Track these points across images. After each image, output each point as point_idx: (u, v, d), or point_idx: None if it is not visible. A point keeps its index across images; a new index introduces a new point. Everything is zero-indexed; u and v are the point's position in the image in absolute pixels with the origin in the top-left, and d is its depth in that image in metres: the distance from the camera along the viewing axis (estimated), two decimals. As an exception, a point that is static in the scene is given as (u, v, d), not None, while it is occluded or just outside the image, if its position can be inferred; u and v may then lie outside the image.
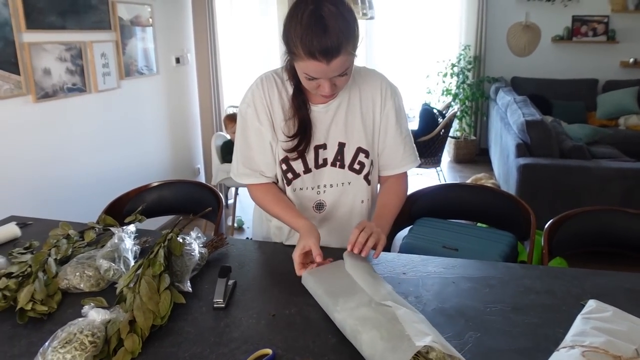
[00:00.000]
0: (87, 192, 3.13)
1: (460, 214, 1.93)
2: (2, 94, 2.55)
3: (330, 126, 1.40)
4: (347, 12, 1.18)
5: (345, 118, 1.40)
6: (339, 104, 1.40)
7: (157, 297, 1.09)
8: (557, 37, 5.80)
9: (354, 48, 1.21)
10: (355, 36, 1.20)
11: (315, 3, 1.15)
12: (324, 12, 1.14)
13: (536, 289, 1.23)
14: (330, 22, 1.14)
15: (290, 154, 1.39)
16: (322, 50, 1.14)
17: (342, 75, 1.23)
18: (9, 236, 1.57)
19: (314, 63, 1.17)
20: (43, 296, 1.16)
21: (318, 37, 1.13)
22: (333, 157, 1.42)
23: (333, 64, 1.17)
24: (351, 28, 1.18)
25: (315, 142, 1.40)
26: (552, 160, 3.36)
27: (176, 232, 1.26)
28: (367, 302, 1.06)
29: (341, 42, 1.15)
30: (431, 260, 1.38)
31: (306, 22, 1.14)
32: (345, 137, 1.41)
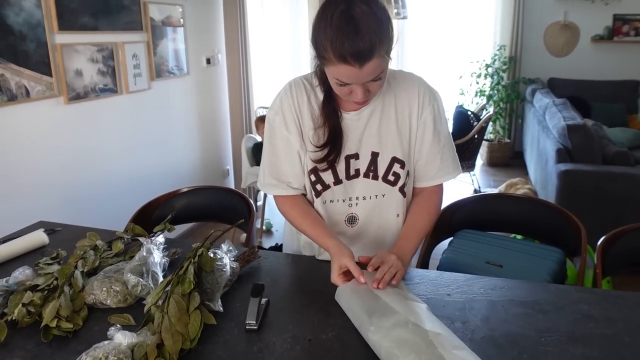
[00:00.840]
0: (117, 193, 3.12)
1: (502, 226, 1.83)
2: (34, 95, 2.54)
3: (362, 135, 1.31)
4: (380, 11, 1.10)
5: (379, 126, 1.31)
6: (372, 111, 1.31)
7: (186, 318, 1.02)
8: (597, 36, 5.59)
9: (388, 50, 1.12)
10: (389, 37, 1.12)
11: (346, 3, 1.07)
12: (355, 12, 1.06)
13: (594, 316, 1.12)
14: (363, 23, 1.05)
15: (319, 164, 1.31)
16: (354, 54, 1.06)
17: (376, 80, 1.14)
18: (37, 244, 1.53)
19: (346, 67, 1.09)
20: (68, 312, 1.11)
21: (349, 39, 1.05)
22: (366, 168, 1.33)
23: (366, 68, 1.09)
24: (385, 29, 1.10)
25: (346, 152, 1.32)
26: (595, 167, 3.21)
27: (207, 246, 1.20)
28: (403, 323, 0.98)
29: (374, 44, 1.06)
30: (476, 281, 1.29)
31: (336, 23, 1.06)
32: (379, 146, 1.32)
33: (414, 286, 1.26)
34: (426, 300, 1.18)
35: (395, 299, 1.07)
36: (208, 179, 4.14)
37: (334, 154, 1.29)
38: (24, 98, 2.48)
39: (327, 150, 1.29)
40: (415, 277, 1.30)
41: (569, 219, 1.66)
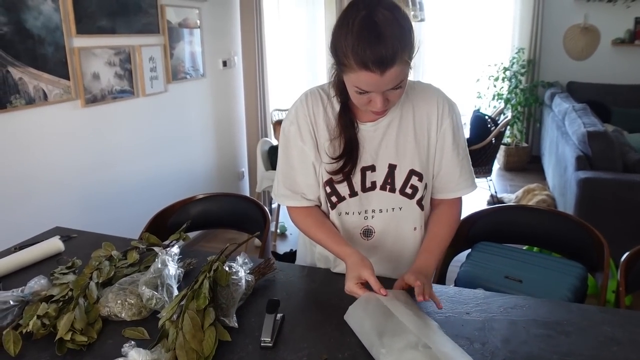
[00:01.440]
0: (134, 195, 3.13)
1: (521, 238, 1.79)
2: (51, 98, 2.55)
3: (379, 146, 1.29)
4: (402, 18, 1.07)
5: (397, 137, 1.28)
6: (389, 122, 1.28)
7: (201, 335, 1.01)
8: (617, 39, 5.49)
9: (409, 57, 1.09)
10: (411, 44, 1.09)
11: (368, 8, 1.05)
12: (377, 18, 1.04)
13: (618, 338, 1.09)
14: (385, 29, 1.03)
15: (334, 176, 1.29)
16: (376, 60, 1.04)
17: (396, 88, 1.12)
18: (53, 251, 1.53)
19: (367, 74, 1.06)
20: (83, 325, 1.10)
21: (372, 45, 1.03)
22: (383, 180, 1.31)
23: (387, 75, 1.06)
24: (407, 35, 1.07)
25: (362, 164, 1.29)
26: (615, 175, 3.14)
27: (222, 260, 1.19)
28: (414, 344, 0.96)
29: (396, 51, 1.04)
30: (496, 298, 1.26)
31: (358, 29, 1.04)
32: (396, 158, 1.29)
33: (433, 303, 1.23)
34: (445, 319, 1.16)
35: (407, 316, 1.05)
36: (223, 182, 4.14)
37: (350, 165, 1.27)
38: (42, 101, 2.50)
39: (342, 161, 1.27)
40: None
41: (591, 232, 1.62)
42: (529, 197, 4.19)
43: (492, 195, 4.58)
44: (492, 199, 4.56)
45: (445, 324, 1.14)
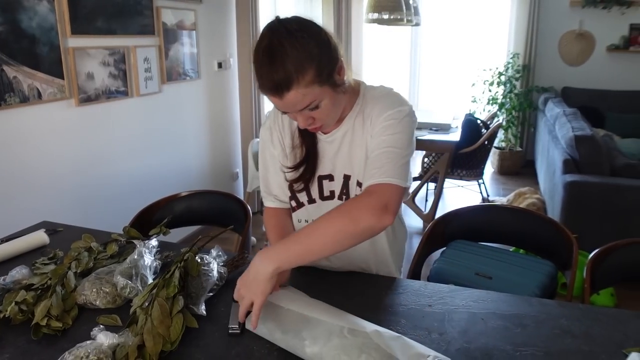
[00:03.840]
0: (126, 195, 3.18)
1: (497, 237, 1.83)
2: (45, 97, 2.60)
3: (335, 157, 1.30)
4: (306, 40, 1.06)
5: (350, 149, 1.28)
6: (344, 134, 1.28)
7: (168, 321, 1.06)
8: (612, 46, 5.53)
9: (318, 79, 1.08)
10: (320, 65, 1.07)
11: (269, 36, 1.07)
12: (274, 45, 1.05)
13: (573, 331, 1.13)
14: (278, 55, 1.04)
15: (294, 184, 1.34)
16: (271, 86, 1.07)
17: (313, 109, 1.12)
18: (37, 243, 1.58)
19: (271, 98, 1.10)
20: (59, 311, 1.15)
21: (265, 72, 1.06)
22: (339, 191, 1.33)
23: (287, 99, 1.08)
24: (309, 58, 1.06)
25: (320, 172, 1.33)
26: (602, 179, 3.18)
27: (194, 251, 1.24)
28: (337, 331, 1.00)
29: (290, 76, 1.04)
30: (460, 292, 1.30)
31: (259, 56, 1.07)
32: (350, 169, 1.29)
33: (397, 296, 1.28)
34: (406, 311, 1.21)
35: (316, 309, 1.08)
36: (217, 182, 4.19)
37: (308, 174, 1.32)
38: (36, 100, 2.55)
39: (301, 170, 1.32)
40: (399, 287, 1.32)
41: (561, 231, 1.66)
42: (520, 200, 4.23)
43: (484, 199, 4.62)
44: (483, 202, 4.60)
45: (406, 315, 1.18)
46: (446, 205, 4.60)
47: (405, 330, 1.12)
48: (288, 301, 1.12)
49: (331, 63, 1.11)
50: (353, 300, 1.25)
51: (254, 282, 1.05)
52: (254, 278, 1.06)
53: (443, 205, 4.49)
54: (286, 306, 1.11)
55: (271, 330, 1.07)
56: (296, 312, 1.08)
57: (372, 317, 1.10)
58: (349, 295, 1.27)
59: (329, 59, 1.11)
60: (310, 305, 1.10)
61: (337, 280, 1.35)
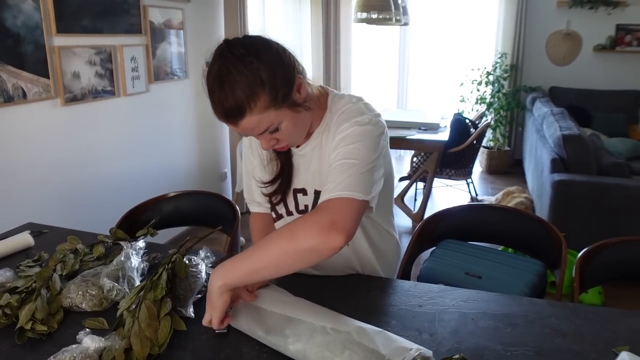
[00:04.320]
0: (113, 196, 3.14)
1: (486, 236, 1.84)
2: (31, 97, 2.57)
3: (307, 172, 1.28)
4: (255, 64, 1.02)
5: (319, 164, 1.25)
6: (313, 149, 1.25)
7: (156, 324, 1.04)
8: (599, 46, 5.58)
9: (273, 103, 1.04)
10: (274, 89, 1.03)
11: (218, 62, 1.04)
12: (222, 71, 1.02)
13: (563, 330, 1.13)
14: (227, 82, 1.01)
15: (272, 197, 1.32)
16: (223, 114, 1.04)
17: (273, 131, 1.09)
18: (22, 245, 1.55)
19: (226, 124, 1.07)
20: (44, 315, 1.13)
21: (217, 99, 1.03)
22: (312, 205, 1.29)
23: (242, 126, 1.05)
24: (259, 83, 1.02)
25: (295, 186, 1.30)
26: (589, 177, 3.21)
27: (182, 252, 1.22)
28: (320, 329, 0.99)
29: (241, 103, 1.01)
30: (450, 292, 1.30)
31: (209, 82, 1.04)
32: (320, 184, 1.23)
33: (388, 296, 1.27)
34: (397, 311, 1.20)
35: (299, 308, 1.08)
36: (205, 182, 4.16)
37: (284, 187, 1.30)
38: (21, 99, 2.51)
39: (277, 184, 1.30)
40: (390, 288, 1.32)
41: (550, 230, 1.66)
42: (508, 199, 4.25)
43: (472, 197, 4.63)
44: (471, 201, 4.62)
45: (397, 316, 1.18)
46: (435, 205, 4.61)
47: (396, 330, 1.11)
48: (270, 303, 1.11)
49: (287, 84, 1.07)
50: (343, 301, 1.24)
51: (209, 297, 1.06)
52: (209, 293, 1.06)
53: (432, 204, 4.50)
54: (269, 308, 1.10)
55: (254, 329, 1.07)
56: (278, 314, 1.07)
57: (362, 318, 1.09)
58: (340, 297, 1.26)
59: (284, 80, 1.07)
60: (292, 305, 1.10)
61: (328, 281, 1.34)
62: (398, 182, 4.71)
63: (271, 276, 1.11)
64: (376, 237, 1.37)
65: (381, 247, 1.39)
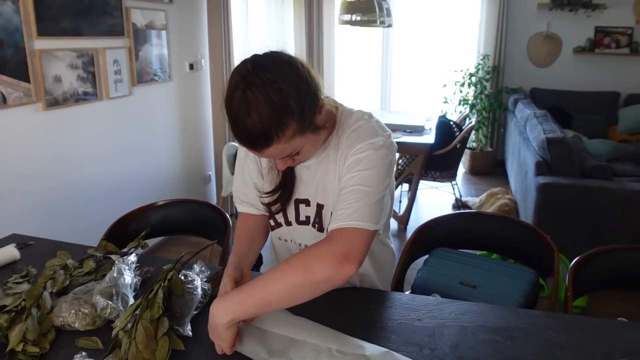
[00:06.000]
0: (96, 200, 3.08)
1: (479, 244, 1.84)
2: (11, 102, 2.50)
3: (310, 184, 1.26)
4: (285, 91, 0.97)
5: (324, 178, 1.23)
6: (319, 162, 1.23)
7: (153, 345, 1.02)
8: (578, 48, 5.66)
9: (300, 131, 1.01)
10: (300, 118, 1.00)
11: (243, 87, 0.97)
12: (248, 98, 0.96)
13: (562, 343, 1.14)
14: (254, 110, 0.96)
15: (272, 206, 1.30)
16: (248, 142, 1.01)
17: (294, 155, 1.08)
18: (8, 259, 1.51)
19: (248, 149, 1.05)
20: (35, 335, 1.09)
21: (242, 127, 0.98)
22: (313, 218, 1.28)
23: (266, 153, 1.03)
24: (289, 112, 0.98)
25: (297, 196, 1.28)
26: (573, 180, 3.25)
27: (177, 268, 1.19)
28: (326, 351, 0.98)
29: (269, 134, 0.98)
30: (448, 305, 1.29)
31: (234, 108, 0.98)
32: (324, 198, 1.24)
33: (386, 310, 1.27)
34: (397, 325, 1.19)
35: (296, 329, 1.06)
36: (189, 185, 4.11)
37: (285, 197, 1.28)
38: (0, 104, 2.45)
39: (278, 194, 1.28)
40: (387, 301, 1.31)
41: (542, 239, 1.67)
42: (492, 200, 4.29)
43: (457, 199, 4.66)
44: (456, 203, 4.65)
45: (397, 331, 1.17)
46: (420, 207, 4.62)
47: (397, 346, 1.11)
48: (271, 323, 1.09)
49: (313, 109, 1.04)
50: (342, 316, 1.22)
51: (215, 331, 1.04)
52: (213, 328, 1.04)
53: (417, 206, 4.51)
54: (270, 329, 1.08)
55: (257, 351, 1.05)
56: (281, 335, 1.05)
57: (362, 333, 1.08)
58: (337, 311, 1.25)
59: (311, 105, 1.03)
60: (294, 326, 1.08)
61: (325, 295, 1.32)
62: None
63: (281, 308, 1.09)
64: (376, 249, 1.36)
65: (379, 258, 1.39)
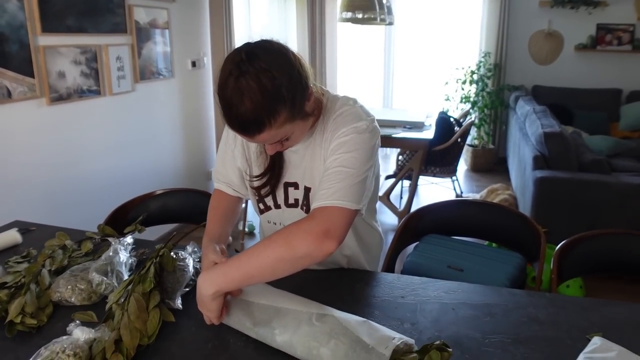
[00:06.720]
0: (99, 195, 3.14)
1: (469, 231, 1.88)
2: (15, 96, 2.56)
3: (298, 168, 1.30)
4: (278, 79, 1.01)
5: (311, 161, 1.27)
6: (306, 146, 1.26)
7: (145, 316, 1.07)
8: (580, 45, 5.67)
9: (291, 118, 1.06)
10: (291, 105, 1.04)
11: (236, 74, 1.00)
12: (242, 86, 0.99)
13: (541, 319, 1.17)
14: (247, 98, 0.99)
15: (261, 189, 1.34)
16: (240, 128, 1.05)
17: (284, 140, 1.13)
18: (9, 243, 1.56)
19: (240, 135, 1.09)
20: (33, 309, 1.15)
21: (234, 114, 1.02)
22: (302, 201, 1.32)
23: (257, 139, 1.07)
24: (281, 100, 1.02)
25: (285, 179, 1.32)
26: (570, 174, 3.27)
27: (169, 247, 1.24)
28: (306, 320, 1.02)
29: (262, 120, 1.02)
30: (432, 284, 1.34)
31: (227, 95, 1.01)
32: (311, 181, 1.28)
33: (371, 288, 1.31)
34: (380, 302, 1.24)
35: (279, 300, 1.10)
36: (191, 181, 4.17)
37: (274, 180, 1.32)
38: (6, 99, 2.51)
39: (266, 178, 1.32)
40: (373, 280, 1.35)
41: (530, 224, 1.71)
42: (492, 196, 4.32)
43: (457, 195, 4.70)
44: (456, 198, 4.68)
45: (380, 307, 1.21)
46: (421, 202, 4.66)
47: (379, 320, 1.14)
48: (257, 295, 1.13)
49: (303, 97, 1.08)
50: (327, 293, 1.27)
51: (202, 302, 1.09)
52: (201, 299, 1.09)
53: (417, 202, 4.55)
54: (255, 300, 1.12)
55: (242, 321, 1.10)
56: (265, 305, 1.10)
57: (345, 309, 1.12)
58: (324, 289, 1.29)
59: (302, 93, 1.07)
60: (278, 297, 1.12)
61: (312, 275, 1.37)
62: (384, 181, 4.76)
63: (264, 281, 1.14)
64: (362, 231, 1.40)
65: (367, 241, 1.43)
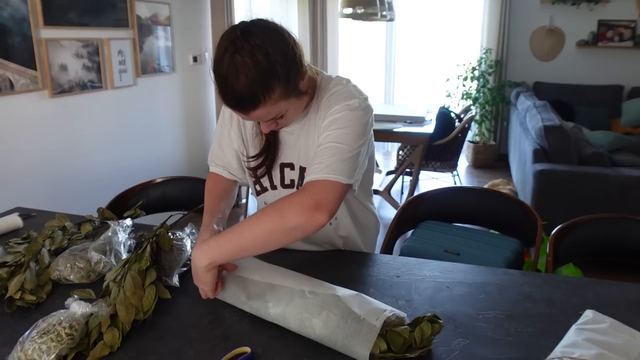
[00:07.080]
0: (100, 188, 3.16)
1: (466, 218, 1.89)
2: (18, 88, 2.58)
3: (294, 148, 1.32)
4: (272, 56, 1.02)
5: (306, 141, 1.28)
6: (301, 126, 1.28)
7: (141, 292, 1.08)
8: (581, 41, 5.67)
9: (285, 95, 1.08)
10: (285, 81, 1.05)
11: (232, 51, 1.01)
12: (237, 62, 1.01)
13: (535, 297, 1.18)
14: (242, 74, 1.01)
15: (257, 170, 1.35)
16: (236, 104, 1.06)
17: (278, 118, 1.14)
18: (11, 226, 1.58)
19: (235, 111, 1.11)
20: (33, 286, 1.16)
21: (230, 90, 1.03)
22: (297, 181, 1.34)
23: (252, 115, 1.08)
24: (276, 77, 1.04)
25: (282, 160, 1.34)
26: (570, 167, 3.28)
27: (166, 227, 1.26)
28: (299, 293, 1.04)
29: (257, 96, 1.03)
30: (427, 264, 1.35)
31: (222, 72, 1.03)
32: (306, 161, 1.29)
33: (367, 268, 1.32)
34: (375, 281, 1.25)
35: (273, 276, 1.11)
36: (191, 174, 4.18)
37: (269, 161, 1.33)
38: (8, 91, 2.53)
39: (261, 159, 1.33)
40: (369, 261, 1.36)
41: (527, 210, 1.72)
42: (493, 191, 4.31)
43: (459, 190, 4.70)
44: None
45: (375, 285, 1.22)
46: (422, 198, 4.65)
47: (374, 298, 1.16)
48: (251, 271, 1.14)
49: (297, 74, 1.10)
50: (323, 272, 1.27)
51: (197, 275, 1.11)
52: (195, 272, 1.11)
53: (418, 197, 4.55)
54: (250, 276, 1.13)
55: (237, 295, 1.11)
56: (260, 281, 1.11)
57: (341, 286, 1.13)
58: (320, 269, 1.30)
59: (296, 71, 1.09)
60: (272, 272, 1.13)
61: (309, 256, 1.38)
62: (385, 176, 4.77)
63: (257, 253, 1.15)
64: (358, 212, 1.42)
65: (362, 222, 1.44)
